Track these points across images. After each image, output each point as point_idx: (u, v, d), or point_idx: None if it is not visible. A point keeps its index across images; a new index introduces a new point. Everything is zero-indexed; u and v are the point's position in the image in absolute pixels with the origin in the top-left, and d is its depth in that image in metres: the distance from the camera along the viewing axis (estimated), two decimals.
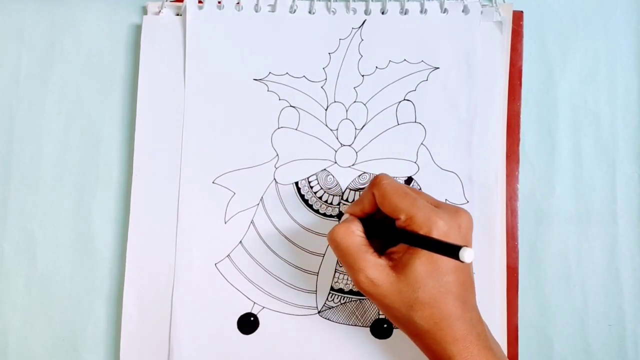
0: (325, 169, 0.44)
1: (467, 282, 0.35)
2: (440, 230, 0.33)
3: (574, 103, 0.45)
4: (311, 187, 0.44)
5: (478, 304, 0.36)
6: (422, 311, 0.34)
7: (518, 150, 0.43)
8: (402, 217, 0.34)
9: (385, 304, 0.35)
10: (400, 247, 0.35)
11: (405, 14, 0.44)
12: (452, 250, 0.31)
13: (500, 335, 0.42)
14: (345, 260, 0.36)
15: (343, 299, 0.43)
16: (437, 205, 0.36)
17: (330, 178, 0.44)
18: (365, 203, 0.37)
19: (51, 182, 0.46)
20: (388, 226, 0.36)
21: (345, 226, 0.36)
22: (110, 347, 0.44)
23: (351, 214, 0.38)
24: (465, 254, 0.30)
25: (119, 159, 0.46)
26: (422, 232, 0.34)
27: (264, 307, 0.43)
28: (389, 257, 0.36)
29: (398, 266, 0.35)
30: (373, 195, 0.36)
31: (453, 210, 0.35)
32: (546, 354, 0.43)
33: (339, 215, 0.44)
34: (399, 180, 0.43)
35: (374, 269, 0.35)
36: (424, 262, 0.34)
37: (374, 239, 0.37)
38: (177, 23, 0.45)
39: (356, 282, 0.35)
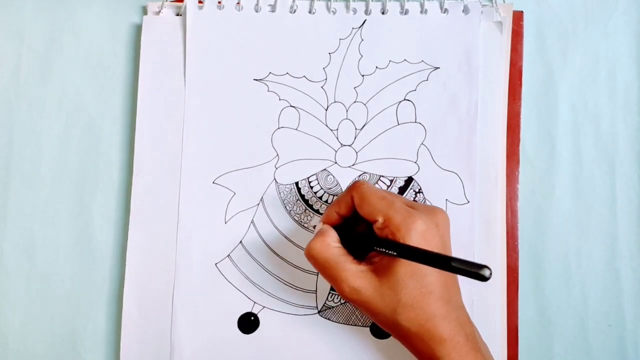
0: (325, 169, 0.44)
1: (449, 281, 0.35)
2: (419, 230, 0.34)
3: (574, 103, 0.45)
4: (311, 187, 0.44)
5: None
6: (407, 313, 0.34)
7: (518, 150, 0.43)
8: (380, 219, 0.34)
9: (371, 309, 0.35)
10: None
11: (405, 14, 0.44)
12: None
13: (500, 335, 0.42)
14: (326, 273, 0.36)
15: (343, 299, 0.43)
16: (413, 206, 0.36)
17: (330, 178, 0.44)
18: (343, 206, 0.37)
19: (51, 182, 0.46)
20: (367, 235, 0.36)
21: (321, 240, 0.36)
22: (110, 347, 0.44)
23: (325, 222, 0.38)
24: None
25: (119, 159, 0.46)
26: (400, 233, 0.33)
27: (264, 307, 0.43)
28: (369, 261, 0.36)
29: (379, 270, 0.35)
30: (351, 198, 0.36)
31: (430, 210, 0.36)
32: (546, 354, 0.43)
33: None
34: (399, 180, 0.43)
35: (356, 277, 0.35)
36: (403, 264, 0.34)
37: (352, 246, 0.36)
38: (177, 23, 0.45)
39: (341, 293, 0.35)
